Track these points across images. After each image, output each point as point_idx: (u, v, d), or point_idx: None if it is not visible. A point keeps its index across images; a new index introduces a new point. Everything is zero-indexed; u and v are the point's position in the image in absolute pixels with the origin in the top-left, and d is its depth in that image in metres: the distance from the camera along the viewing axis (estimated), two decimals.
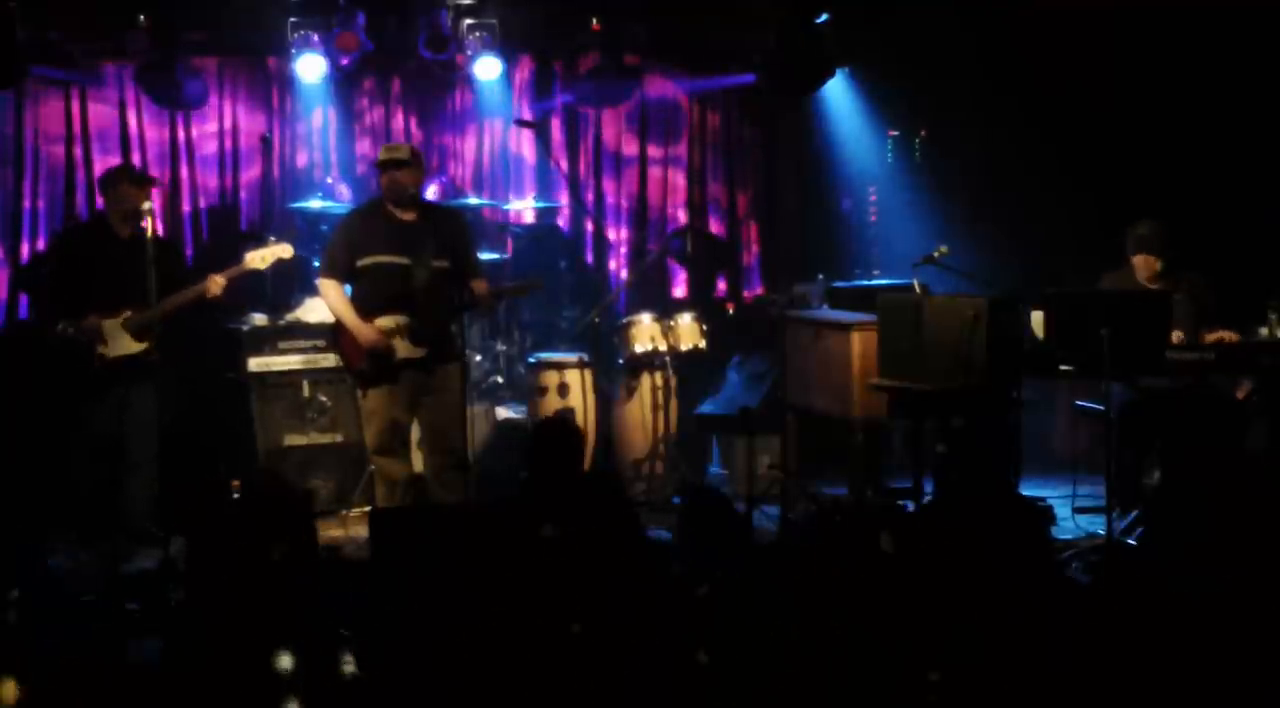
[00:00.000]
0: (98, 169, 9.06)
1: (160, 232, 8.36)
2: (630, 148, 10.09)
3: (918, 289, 7.39)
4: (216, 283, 6.82)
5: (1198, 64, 9.07)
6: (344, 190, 9.08)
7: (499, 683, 3.92)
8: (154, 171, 9.17)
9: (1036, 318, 6.59)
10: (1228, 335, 6.81)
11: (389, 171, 6.54)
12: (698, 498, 5.23)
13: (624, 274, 9.94)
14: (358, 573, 5.29)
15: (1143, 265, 7.09)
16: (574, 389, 8.00)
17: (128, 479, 6.93)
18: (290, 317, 8.05)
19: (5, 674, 3.69)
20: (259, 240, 7.66)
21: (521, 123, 9.22)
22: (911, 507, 6.65)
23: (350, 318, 6.52)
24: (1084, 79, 9.31)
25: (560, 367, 8.05)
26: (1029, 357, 6.48)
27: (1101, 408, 6.52)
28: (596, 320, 8.20)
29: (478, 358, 8.53)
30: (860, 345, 6.89)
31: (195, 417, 7.84)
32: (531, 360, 8.29)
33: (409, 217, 6.59)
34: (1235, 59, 9.00)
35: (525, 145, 9.86)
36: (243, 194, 9.40)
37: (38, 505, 7.02)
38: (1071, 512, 7.18)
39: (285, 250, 7.00)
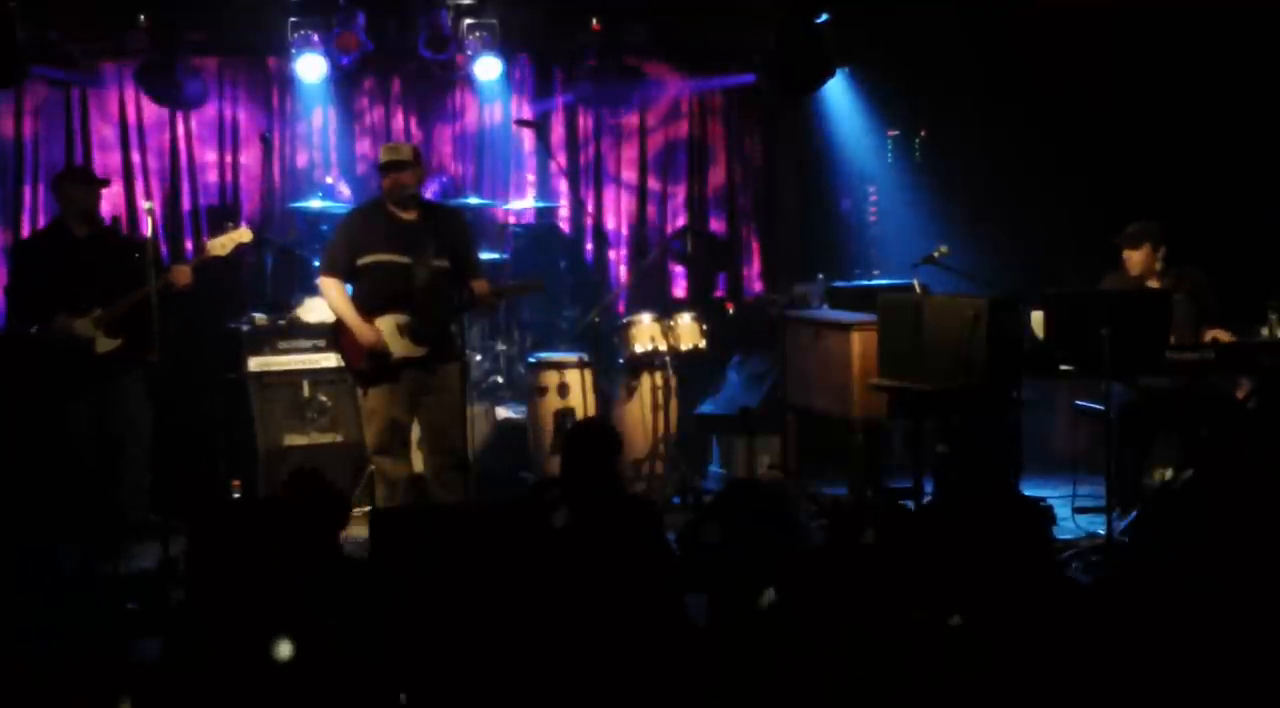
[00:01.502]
0: (98, 169, 9.07)
1: (160, 230, 8.43)
2: (630, 147, 10.09)
3: (918, 289, 7.39)
4: (183, 273, 6.83)
5: (1198, 64, 9.07)
6: (344, 190, 9.08)
7: (500, 683, 3.92)
8: (154, 172, 9.21)
9: (1036, 318, 6.59)
10: (1222, 336, 6.81)
11: (391, 173, 6.53)
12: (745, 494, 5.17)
13: (624, 274, 9.94)
14: (358, 573, 5.29)
15: (1135, 263, 7.10)
16: (574, 389, 8.00)
17: (123, 474, 6.94)
18: (290, 316, 8.05)
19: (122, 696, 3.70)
20: (257, 239, 7.66)
21: (521, 123, 9.23)
22: (911, 507, 6.65)
23: (351, 317, 6.52)
24: (1084, 79, 9.31)
25: (560, 367, 8.05)
26: (1029, 357, 6.48)
27: (1101, 408, 6.52)
28: (596, 320, 8.20)
29: (478, 358, 8.53)
30: (860, 345, 6.90)
31: (195, 416, 7.84)
32: (531, 360, 8.29)
33: (410, 216, 6.59)
34: (1235, 59, 9.01)
35: (525, 145, 9.86)
36: (243, 194, 9.40)
37: (38, 505, 7.02)
38: (1071, 512, 7.17)
39: (244, 235, 7.01)
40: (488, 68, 9.15)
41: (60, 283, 6.87)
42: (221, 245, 6.91)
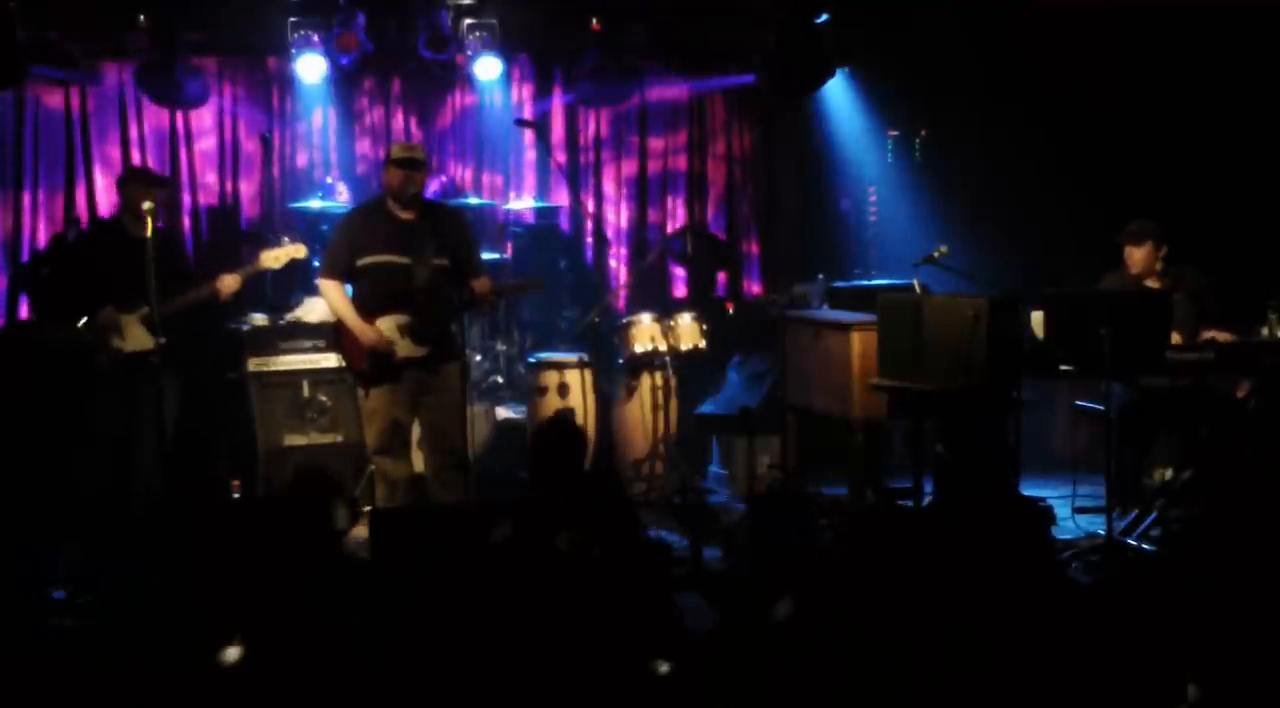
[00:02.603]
0: (97, 169, 9.08)
1: (159, 231, 8.42)
2: (630, 148, 10.10)
3: (918, 289, 7.39)
4: (229, 282, 6.80)
5: (1198, 64, 9.07)
6: (344, 190, 9.07)
7: (499, 683, 3.92)
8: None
9: (1036, 318, 6.60)
10: (1220, 336, 6.81)
11: (407, 170, 6.51)
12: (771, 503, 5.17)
13: (624, 274, 9.95)
14: (358, 573, 5.29)
15: (1137, 261, 7.09)
16: (574, 389, 7.99)
17: (136, 472, 6.95)
18: (290, 317, 8.05)
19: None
20: (258, 240, 7.65)
21: (521, 123, 9.22)
22: (911, 507, 6.65)
23: (351, 318, 6.52)
24: (1084, 79, 9.31)
25: (560, 367, 8.05)
26: (1029, 357, 6.48)
27: (1101, 408, 6.52)
28: (596, 320, 8.20)
29: (478, 358, 8.53)
30: (860, 345, 6.90)
31: (195, 417, 7.83)
32: (531, 360, 8.29)
33: (409, 216, 6.58)
34: (1235, 59, 9.00)
35: (525, 145, 9.86)
36: (243, 194, 9.40)
37: (43, 506, 7.02)
38: (1071, 512, 7.18)
39: (299, 251, 6.98)
40: (488, 68, 9.15)
41: (113, 279, 6.86)
42: (275, 258, 6.89)
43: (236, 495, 7.22)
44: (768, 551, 4.70)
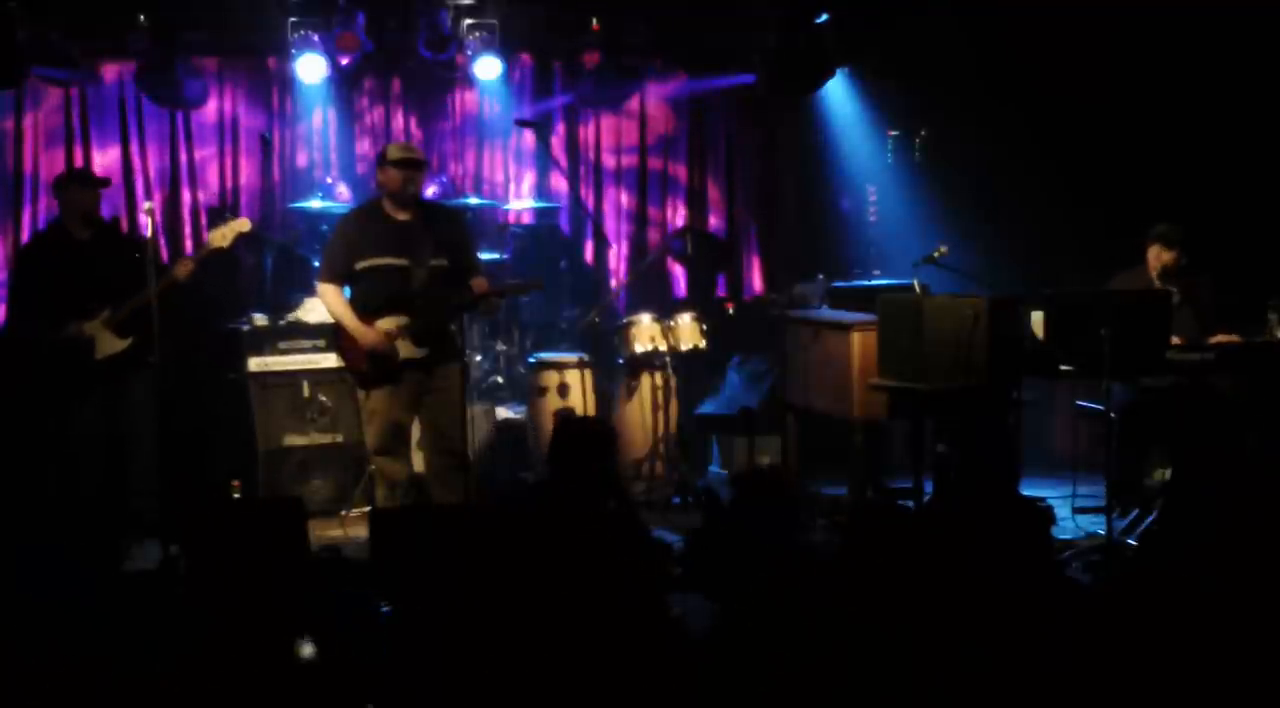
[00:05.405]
0: (98, 169, 9.06)
1: (160, 231, 8.44)
2: (630, 147, 10.09)
3: (918, 289, 7.39)
4: (184, 265, 6.85)
5: (1198, 64, 9.07)
6: (344, 190, 9.07)
7: (499, 683, 3.92)
8: (153, 172, 9.20)
9: (1036, 318, 6.59)
10: (1226, 338, 6.81)
11: (407, 170, 6.50)
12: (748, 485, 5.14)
13: (624, 274, 9.94)
14: (358, 573, 5.29)
15: (1155, 258, 7.09)
16: (574, 389, 8.00)
17: (129, 471, 6.95)
18: (290, 317, 8.05)
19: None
20: (254, 238, 7.67)
21: (521, 123, 9.22)
22: (911, 507, 6.65)
23: (350, 321, 6.51)
24: (1084, 79, 9.30)
25: (560, 367, 8.06)
26: (1029, 357, 6.48)
27: (1101, 408, 6.52)
28: (596, 320, 8.20)
29: (478, 358, 8.53)
30: (860, 345, 6.90)
31: (195, 417, 7.84)
32: (531, 360, 8.30)
33: (406, 217, 6.57)
34: (1236, 59, 9.00)
35: (525, 145, 9.86)
36: (243, 194, 9.39)
37: (44, 507, 7.02)
38: (1071, 512, 7.18)
39: (243, 225, 7.01)
40: (488, 68, 9.15)
41: (67, 288, 6.88)
42: (222, 236, 6.91)
43: (237, 496, 7.21)
44: (745, 537, 4.69)
